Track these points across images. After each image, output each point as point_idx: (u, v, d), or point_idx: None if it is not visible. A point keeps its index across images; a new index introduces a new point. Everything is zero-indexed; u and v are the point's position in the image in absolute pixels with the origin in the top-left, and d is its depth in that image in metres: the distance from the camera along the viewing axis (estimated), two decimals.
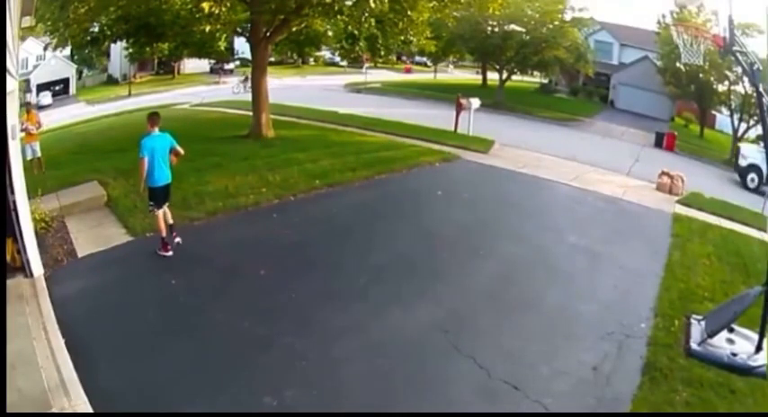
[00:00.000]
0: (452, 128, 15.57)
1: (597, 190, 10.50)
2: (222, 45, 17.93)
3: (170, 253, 6.06)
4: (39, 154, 10.34)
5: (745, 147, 17.81)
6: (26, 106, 15.84)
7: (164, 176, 6.00)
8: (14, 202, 5.20)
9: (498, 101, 25.23)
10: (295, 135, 13.51)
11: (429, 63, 42.64)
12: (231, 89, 26.47)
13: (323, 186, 8.97)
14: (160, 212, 6.05)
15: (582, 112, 25.72)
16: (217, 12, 9.25)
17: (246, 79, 27.99)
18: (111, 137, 15.14)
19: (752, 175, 16.54)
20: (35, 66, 29.51)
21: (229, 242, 6.60)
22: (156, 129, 5.97)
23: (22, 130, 10.18)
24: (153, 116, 6.03)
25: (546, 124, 20.45)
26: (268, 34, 12.45)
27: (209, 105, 22.01)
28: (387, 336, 4.82)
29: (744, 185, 16.53)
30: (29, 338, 4.31)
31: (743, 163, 17.11)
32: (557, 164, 12.94)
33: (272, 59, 22.88)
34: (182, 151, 6.15)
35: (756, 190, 15.66)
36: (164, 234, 6.09)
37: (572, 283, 6.20)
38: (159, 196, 6.04)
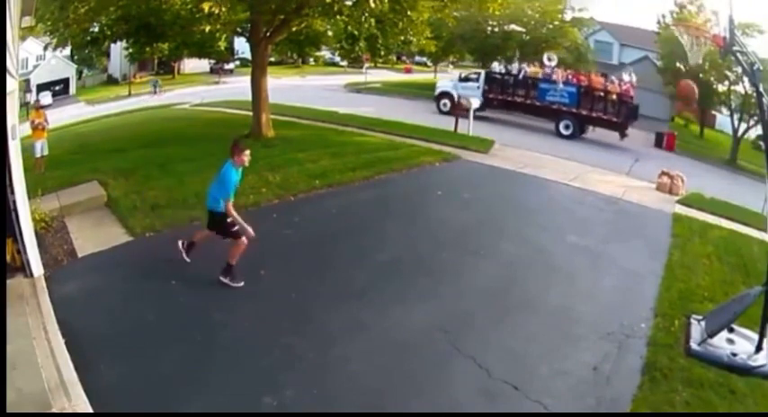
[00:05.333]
0: (452, 128, 15.58)
1: (597, 190, 10.50)
2: (222, 45, 17.92)
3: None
4: (46, 152, 10.37)
5: (439, 81, 23.11)
6: (35, 104, 15.89)
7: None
8: (14, 202, 5.19)
9: None
10: (295, 135, 13.51)
11: (429, 63, 42.61)
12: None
13: (323, 186, 8.96)
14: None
15: None
16: (217, 12, 9.22)
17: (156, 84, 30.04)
18: (111, 137, 15.15)
19: (444, 101, 20.82)
20: (35, 66, 29.51)
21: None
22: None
23: (34, 127, 10.26)
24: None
25: (546, 124, 20.41)
26: (268, 34, 12.44)
27: (209, 105, 22.01)
28: (387, 336, 4.82)
29: (439, 110, 20.66)
30: (29, 338, 4.31)
31: (437, 92, 21.50)
32: (557, 163, 12.94)
33: (272, 59, 22.87)
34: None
35: (450, 113, 19.14)
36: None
37: (572, 283, 6.21)
38: None
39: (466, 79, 20.98)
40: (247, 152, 5.20)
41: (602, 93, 18.27)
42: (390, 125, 15.64)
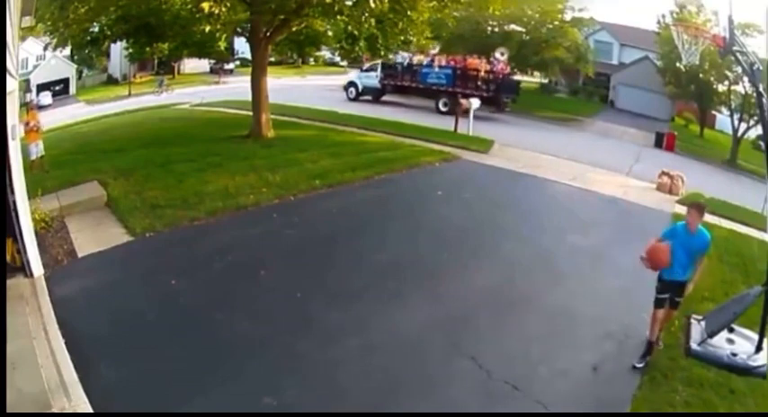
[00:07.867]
0: (452, 129, 15.58)
1: (597, 190, 10.49)
2: (222, 45, 17.89)
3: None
4: (43, 152, 10.37)
5: (349, 73, 26.07)
6: (27, 105, 15.82)
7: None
8: (14, 202, 5.20)
9: None
10: (295, 135, 13.51)
11: None
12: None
13: (323, 186, 8.96)
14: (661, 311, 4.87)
15: (582, 112, 25.67)
16: (217, 12, 9.23)
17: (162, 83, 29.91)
18: (111, 137, 15.12)
19: (351, 89, 23.57)
20: (35, 66, 29.47)
21: (229, 242, 6.59)
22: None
23: (27, 130, 10.21)
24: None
25: (546, 124, 20.48)
26: (268, 34, 12.45)
27: (210, 105, 22.00)
28: (387, 336, 4.82)
29: (347, 97, 23.18)
30: (29, 338, 4.31)
31: (344, 83, 24.17)
32: (557, 163, 12.93)
33: (272, 59, 22.90)
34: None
35: (356, 99, 22.89)
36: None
37: (572, 283, 6.21)
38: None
39: (368, 70, 23.34)
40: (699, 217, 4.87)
41: (475, 73, 20.03)
42: (390, 125, 15.63)
